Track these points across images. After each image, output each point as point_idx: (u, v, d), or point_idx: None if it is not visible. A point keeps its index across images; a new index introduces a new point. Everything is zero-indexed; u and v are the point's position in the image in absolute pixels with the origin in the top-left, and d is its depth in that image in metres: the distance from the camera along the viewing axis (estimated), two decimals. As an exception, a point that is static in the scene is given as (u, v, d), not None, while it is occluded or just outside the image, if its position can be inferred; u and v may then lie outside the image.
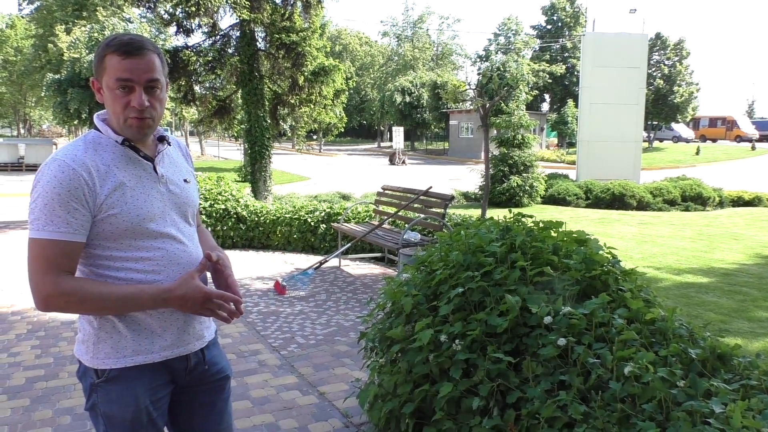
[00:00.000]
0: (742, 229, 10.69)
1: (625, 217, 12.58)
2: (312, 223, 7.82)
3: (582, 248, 2.67)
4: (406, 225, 6.57)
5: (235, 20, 10.31)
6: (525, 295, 2.39)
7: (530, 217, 2.98)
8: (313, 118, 13.14)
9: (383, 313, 2.93)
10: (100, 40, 18.91)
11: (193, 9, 9.60)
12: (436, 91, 36.35)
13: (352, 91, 44.20)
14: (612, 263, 2.66)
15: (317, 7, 10.71)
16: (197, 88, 11.29)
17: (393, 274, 6.64)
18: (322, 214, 7.83)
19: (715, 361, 2.18)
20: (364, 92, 52.70)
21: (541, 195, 15.28)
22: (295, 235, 7.88)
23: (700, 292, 5.97)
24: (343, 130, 29.71)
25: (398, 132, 32.21)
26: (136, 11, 26.34)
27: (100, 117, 1.54)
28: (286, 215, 7.97)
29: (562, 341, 2.17)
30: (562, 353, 2.21)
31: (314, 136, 43.99)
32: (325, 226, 7.75)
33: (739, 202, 15.59)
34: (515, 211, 3.09)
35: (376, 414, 2.69)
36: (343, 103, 15.17)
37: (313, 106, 11.79)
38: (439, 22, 55.67)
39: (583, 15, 49.06)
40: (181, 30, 10.29)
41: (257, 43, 10.62)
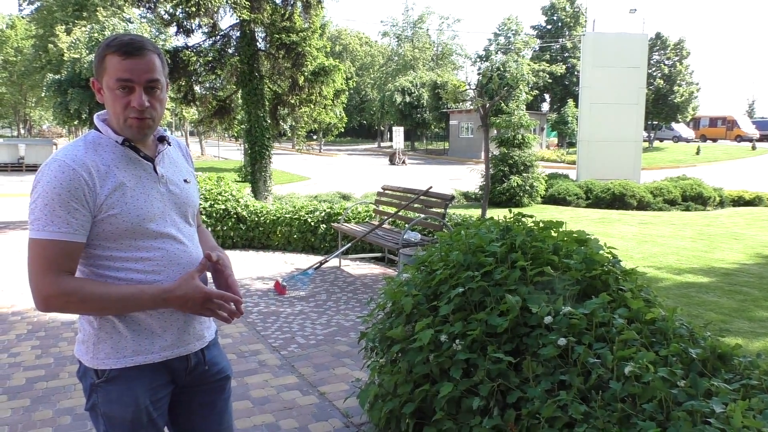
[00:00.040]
0: (743, 229, 10.69)
1: (626, 217, 12.58)
2: (312, 223, 7.82)
3: (582, 248, 2.67)
4: (407, 225, 6.57)
5: (235, 20, 10.31)
6: (525, 295, 2.39)
7: (530, 217, 2.98)
8: (313, 118, 13.14)
9: (383, 313, 2.93)
10: (100, 41, 18.91)
11: (193, 9, 9.60)
12: (436, 91, 36.37)
13: (352, 91, 44.20)
14: (612, 263, 2.66)
15: (317, 8, 10.72)
16: (197, 89, 11.30)
17: (393, 274, 6.64)
18: (323, 214, 7.83)
19: (716, 361, 2.18)
20: (364, 92, 52.70)
21: (541, 195, 15.28)
22: (295, 235, 7.88)
23: (701, 292, 5.96)
24: (343, 130, 29.69)
25: (398, 132, 32.21)
26: (136, 11, 26.38)
27: (101, 117, 1.54)
28: (287, 215, 7.97)
29: (562, 341, 2.17)
30: (563, 353, 2.21)
31: (314, 136, 44.00)
32: (325, 226, 7.75)
33: (739, 202, 15.59)
34: (515, 211, 3.09)
35: (377, 414, 2.69)
36: (343, 103, 15.18)
37: (313, 106, 11.80)
38: (439, 22, 55.70)
39: (583, 15, 49.09)
40: (181, 30, 10.29)
41: (257, 44, 10.62)
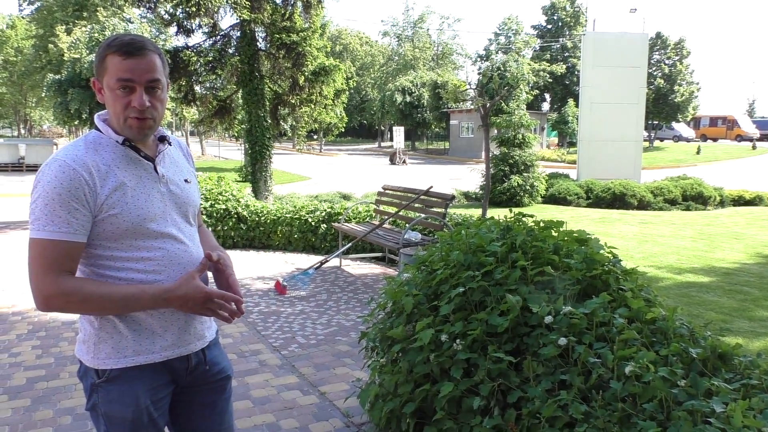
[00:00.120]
0: (743, 229, 10.69)
1: (626, 217, 12.58)
2: (313, 223, 7.82)
3: (583, 248, 2.67)
4: (407, 225, 6.57)
5: (236, 20, 10.32)
6: (526, 295, 2.39)
7: (531, 217, 2.98)
8: (314, 118, 13.16)
9: (384, 313, 2.93)
10: (100, 41, 18.93)
11: (194, 9, 9.61)
12: (437, 91, 36.37)
13: (353, 91, 44.23)
14: (613, 263, 2.66)
15: (317, 7, 10.72)
16: (198, 89, 11.31)
17: (394, 273, 6.64)
18: (323, 214, 7.83)
19: (716, 361, 2.18)
20: (364, 92, 52.70)
21: (541, 194, 15.27)
22: (295, 235, 7.88)
23: (701, 292, 5.96)
24: (343, 130, 29.70)
25: (399, 132, 32.21)
26: (136, 11, 26.40)
27: (101, 117, 1.54)
28: (287, 215, 7.97)
29: (562, 341, 2.17)
30: (563, 353, 2.21)
31: (315, 136, 44.01)
32: (325, 226, 7.75)
33: (739, 202, 15.58)
34: (516, 210, 3.09)
35: (377, 414, 2.69)
36: (343, 103, 15.19)
37: (313, 106, 11.81)
38: (440, 22, 55.78)
39: (584, 14, 49.07)
40: (182, 30, 10.30)
41: (258, 43, 10.63)
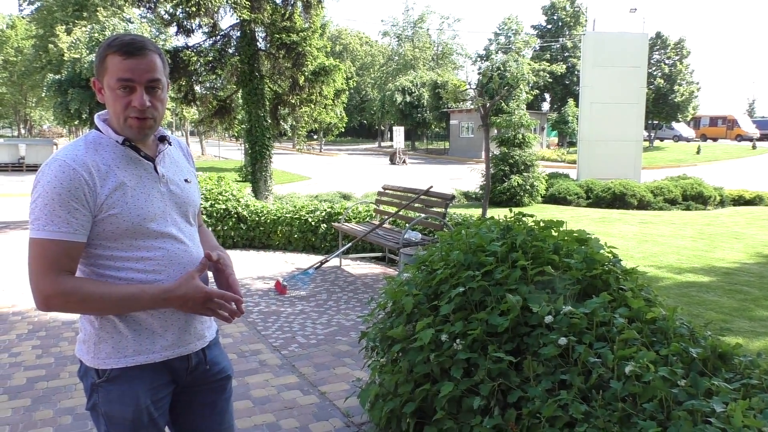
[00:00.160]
0: (743, 228, 10.69)
1: (626, 217, 12.57)
2: (313, 223, 7.82)
3: (583, 247, 2.67)
4: (407, 224, 6.57)
5: (236, 20, 10.32)
6: (526, 295, 2.39)
7: (531, 217, 2.98)
8: (314, 118, 13.16)
9: (384, 313, 2.93)
10: (100, 41, 18.94)
11: (194, 9, 9.61)
12: (437, 91, 36.37)
13: (353, 91, 44.22)
14: (613, 262, 2.66)
15: (317, 7, 10.72)
16: (198, 88, 11.31)
17: (394, 273, 6.64)
18: (323, 214, 7.83)
19: (716, 361, 2.18)
20: (364, 92, 52.70)
21: (541, 194, 15.27)
22: (295, 235, 7.88)
23: (701, 292, 5.96)
24: (343, 130, 29.72)
25: (399, 132, 32.21)
26: (136, 11, 26.41)
27: (101, 117, 1.54)
28: (287, 215, 7.97)
29: (563, 340, 2.17)
30: (563, 352, 2.21)
31: (315, 136, 44.01)
32: (325, 226, 7.75)
33: (739, 201, 15.58)
34: (516, 210, 3.09)
35: (377, 413, 2.69)
36: (343, 103, 15.19)
37: (313, 106, 11.81)
38: (440, 22, 55.85)
39: (584, 14, 49.07)
40: (182, 30, 10.30)
41: (257, 43, 10.63)
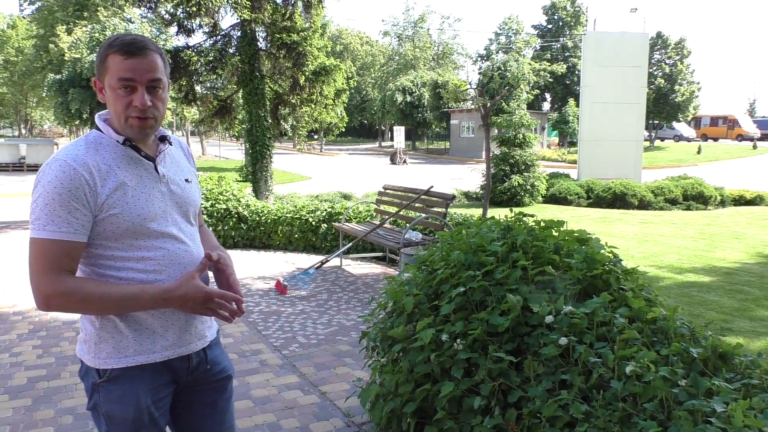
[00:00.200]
0: (744, 228, 10.68)
1: (627, 217, 12.57)
2: (313, 223, 7.82)
3: (583, 247, 2.67)
4: (408, 224, 6.57)
5: (236, 20, 10.32)
6: (526, 295, 2.39)
7: (531, 217, 2.98)
8: (314, 118, 13.16)
9: (384, 313, 2.93)
10: (101, 41, 18.96)
11: (194, 9, 9.61)
12: (437, 91, 36.35)
13: (353, 91, 44.25)
14: (613, 262, 2.65)
15: (318, 7, 10.72)
16: (198, 88, 11.32)
17: (394, 273, 6.64)
18: (324, 214, 7.83)
19: (717, 360, 2.17)
20: (365, 92, 52.70)
21: (542, 194, 15.26)
22: (296, 235, 7.89)
23: (702, 291, 5.96)
24: (344, 130, 29.74)
25: (399, 131, 32.21)
26: (137, 11, 26.40)
27: (102, 117, 1.54)
28: (288, 215, 7.97)
29: (563, 340, 2.17)
30: (564, 352, 2.21)
31: (315, 136, 44.01)
32: (326, 226, 7.75)
33: (740, 201, 15.56)
34: (516, 210, 3.09)
35: (378, 413, 2.69)
36: (344, 103, 15.19)
37: (314, 106, 11.81)
38: (440, 22, 55.89)
39: (584, 14, 49.05)
40: (182, 30, 10.30)
41: (258, 43, 10.64)
